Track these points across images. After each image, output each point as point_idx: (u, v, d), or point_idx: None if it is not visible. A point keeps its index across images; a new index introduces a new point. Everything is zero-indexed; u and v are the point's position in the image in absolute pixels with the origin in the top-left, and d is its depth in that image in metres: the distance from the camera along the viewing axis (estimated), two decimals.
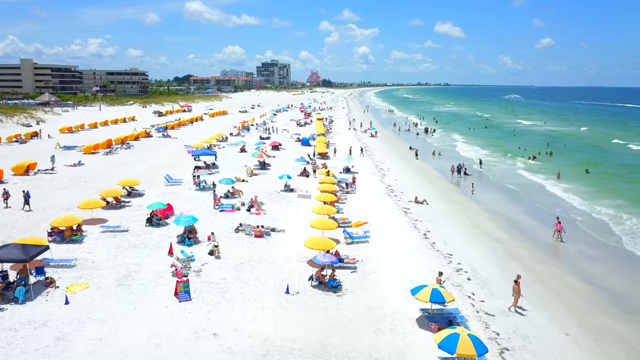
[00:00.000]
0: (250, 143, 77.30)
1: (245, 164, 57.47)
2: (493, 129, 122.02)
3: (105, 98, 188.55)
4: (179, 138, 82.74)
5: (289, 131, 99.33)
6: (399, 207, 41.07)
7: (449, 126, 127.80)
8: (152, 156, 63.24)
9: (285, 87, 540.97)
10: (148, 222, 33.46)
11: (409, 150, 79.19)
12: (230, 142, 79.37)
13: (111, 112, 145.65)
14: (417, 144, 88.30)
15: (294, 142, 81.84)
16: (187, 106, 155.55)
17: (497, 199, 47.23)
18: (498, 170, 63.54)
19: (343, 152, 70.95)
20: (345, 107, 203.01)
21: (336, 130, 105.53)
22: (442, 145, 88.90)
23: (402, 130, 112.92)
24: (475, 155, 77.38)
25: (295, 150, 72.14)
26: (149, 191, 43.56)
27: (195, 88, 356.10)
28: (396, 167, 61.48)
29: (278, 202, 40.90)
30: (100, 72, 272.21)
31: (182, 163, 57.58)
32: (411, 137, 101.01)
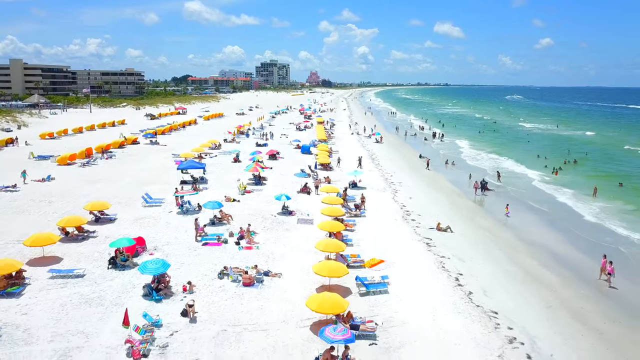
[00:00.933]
0: (245, 151, 70.65)
1: (238, 177, 50.85)
2: (503, 133, 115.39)
3: (98, 99, 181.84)
4: (168, 145, 76.02)
5: (288, 136, 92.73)
6: (418, 236, 34.42)
7: (456, 130, 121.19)
8: (134, 168, 56.53)
9: (285, 88, 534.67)
10: (111, 264, 26.79)
11: (418, 159, 72.58)
12: (223, 149, 72.71)
13: (102, 115, 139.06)
14: (426, 151, 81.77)
15: (293, 150, 75.22)
16: (181, 108, 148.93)
17: (528, 223, 40.54)
18: (520, 184, 56.80)
19: (347, 161, 64.33)
20: (346, 109, 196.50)
21: (338, 135, 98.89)
22: (452, 152, 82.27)
23: (409, 134, 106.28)
24: (490, 164, 70.80)
25: (294, 159, 65.52)
26: (123, 215, 36.90)
27: (193, 89, 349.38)
28: (408, 181, 54.83)
29: (274, 231, 34.24)
30: (95, 72, 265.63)
31: (167, 177, 50.91)
32: (418, 143, 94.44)
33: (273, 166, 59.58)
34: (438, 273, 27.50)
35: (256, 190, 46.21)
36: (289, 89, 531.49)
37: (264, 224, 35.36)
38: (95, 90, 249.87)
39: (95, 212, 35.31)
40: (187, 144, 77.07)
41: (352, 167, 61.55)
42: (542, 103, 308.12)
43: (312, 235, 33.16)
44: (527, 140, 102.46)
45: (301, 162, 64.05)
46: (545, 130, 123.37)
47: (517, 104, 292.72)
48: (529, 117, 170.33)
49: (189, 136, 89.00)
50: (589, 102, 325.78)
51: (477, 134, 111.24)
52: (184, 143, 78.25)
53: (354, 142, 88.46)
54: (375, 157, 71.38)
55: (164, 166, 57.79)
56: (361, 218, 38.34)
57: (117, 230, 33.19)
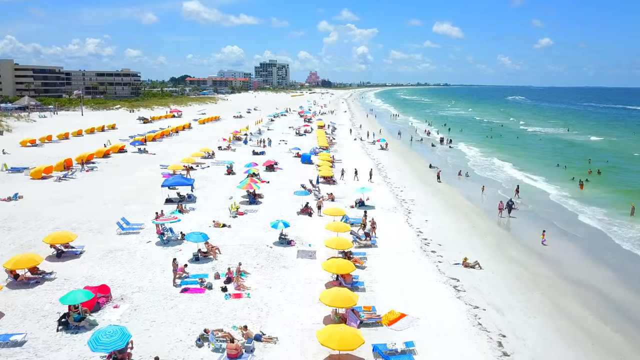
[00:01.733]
0: (240, 161, 65.10)
1: (231, 195, 45.24)
2: (512, 138, 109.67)
3: (91, 101, 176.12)
4: (157, 154, 70.37)
5: (287, 142, 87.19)
6: (442, 275, 28.80)
7: (463, 135, 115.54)
8: (116, 182, 50.89)
9: (284, 88, 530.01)
10: (62, 324, 21.16)
11: (429, 169, 66.97)
12: (217, 159, 67.08)
13: (94, 118, 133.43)
14: (434, 159, 76.28)
15: (293, 159, 69.63)
16: (176, 111, 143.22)
17: (565, 253, 34.90)
18: (544, 201, 51.05)
19: (352, 172, 58.75)
20: (347, 111, 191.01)
21: (340, 141, 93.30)
22: (462, 160, 76.70)
23: (414, 140, 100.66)
24: (505, 175, 65.24)
25: (294, 170, 59.96)
26: (92, 246, 31.29)
27: (191, 89, 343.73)
28: (421, 197, 49.19)
29: (269, 269, 28.60)
30: (90, 73, 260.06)
31: (152, 194, 45.28)
32: (426, 150, 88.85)
33: (270, 179, 54.00)
34: (475, 334, 21.86)
35: (250, 212, 40.58)
36: (288, 89, 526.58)
37: (257, 260, 29.71)
38: (90, 91, 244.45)
39: (58, 246, 29.70)
40: (178, 152, 71.50)
41: (357, 180, 56.09)
42: (545, 104, 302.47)
43: (314, 274, 27.61)
44: (540, 146, 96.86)
45: (301, 173, 58.52)
46: (556, 135, 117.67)
47: (520, 106, 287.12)
48: (535, 120, 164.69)
49: (181, 143, 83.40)
50: (592, 104, 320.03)
51: (485, 139, 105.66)
52: (174, 151, 72.66)
53: (358, 150, 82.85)
54: (382, 168, 65.77)
55: (150, 180, 52.13)
56: (372, 249, 32.70)
57: (81, 270, 27.60)
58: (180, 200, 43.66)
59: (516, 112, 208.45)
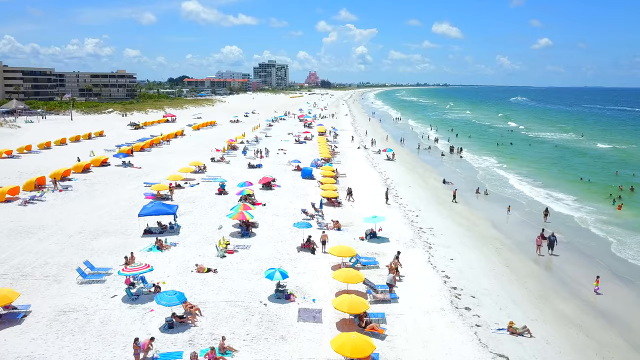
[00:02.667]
0: (234, 175, 58.87)
1: (220, 224, 38.88)
2: (524, 146, 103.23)
3: (82, 104, 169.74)
4: (143, 167, 63.91)
5: (286, 152, 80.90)
6: (486, 348, 22.40)
7: (472, 141, 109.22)
8: (90, 207, 44.45)
9: (283, 89, 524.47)
10: None
11: (442, 184, 60.64)
12: (209, 174, 60.67)
13: (83, 123, 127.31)
14: (446, 171, 69.98)
15: (292, 173, 63.30)
16: (170, 116, 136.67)
17: (625, 307, 28.58)
18: (578, 228, 44.70)
19: (358, 188, 52.42)
20: (348, 114, 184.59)
21: (343, 149, 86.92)
22: (476, 173, 70.38)
23: (422, 148, 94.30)
24: (527, 192, 58.89)
25: (293, 189, 53.60)
26: (41, 304, 24.93)
27: (189, 91, 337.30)
28: (439, 224, 42.76)
29: (262, 342, 22.19)
30: (84, 74, 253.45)
31: (129, 222, 38.95)
32: (435, 160, 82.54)
33: (267, 200, 47.61)
34: None
35: (242, 248, 34.18)
36: (287, 90, 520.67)
37: (248, 327, 23.30)
38: (85, 93, 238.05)
39: None
40: (166, 165, 65.20)
41: (366, 200, 49.76)
42: (550, 107, 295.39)
43: (321, 352, 21.26)
44: (556, 154, 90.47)
45: (302, 191, 52.21)
46: (570, 142, 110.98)
47: (525, 108, 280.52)
48: (545, 124, 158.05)
49: (171, 153, 76.97)
50: (598, 105, 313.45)
51: (497, 147, 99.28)
52: (163, 164, 66.31)
53: (362, 160, 76.45)
54: (391, 183, 59.40)
55: (130, 203, 45.76)
56: (392, 306, 26.31)
57: (17, 346, 21.25)
58: (160, 231, 37.33)
59: (523, 116, 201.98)
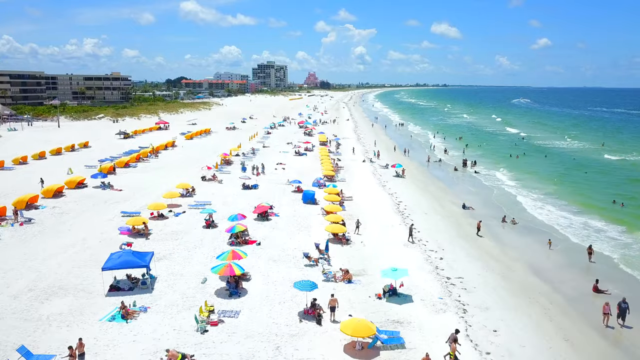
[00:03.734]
0: (227, 200, 51.93)
1: (204, 277, 31.83)
2: (539, 156, 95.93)
3: (72, 109, 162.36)
4: (124, 189, 56.82)
5: (286, 166, 73.99)
6: None
7: (483, 151, 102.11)
8: (50, 249, 37.32)
9: (282, 90, 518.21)
10: None
11: (462, 210, 53.63)
12: (197, 198, 53.59)
13: (71, 130, 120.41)
14: (463, 191, 63.10)
15: (292, 194, 56.36)
16: (163, 123, 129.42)
17: None
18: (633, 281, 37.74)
19: (369, 217, 45.46)
20: (349, 119, 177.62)
21: (347, 163, 79.87)
22: (495, 192, 63.38)
23: (432, 161, 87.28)
24: (559, 216, 51.92)
25: (294, 218, 46.57)
26: None
27: (186, 93, 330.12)
28: (469, 271, 35.65)
29: None
30: (77, 77, 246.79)
31: (91, 275, 31.89)
32: (447, 175, 75.56)
33: (262, 237, 40.56)
34: None
35: (229, 316, 27.07)
36: (286, 91, 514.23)
37: None
38: (78, 96, 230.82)
39: None
40: (151, 186, 58.25)
41: (378, 233, 42.76)
42: (556, 109, 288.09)
43: None
44: (577, 168, 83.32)
45: (304, 222, 45.23)
46: (590, 152, 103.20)
47: (530, 111, 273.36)
48: (556, 131, 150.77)
49: (158, 170, 69.84)
50: (603, 108, 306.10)
51: (510, 159, 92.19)
52: (147, 184, 59.31)
53: (369, 178, 69.36)
54: (405, 209, 52.33)
55: (101, 241, 38.73)
56: None
57: None
58: (130, 286, 30.30)
59: (530, 121, 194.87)
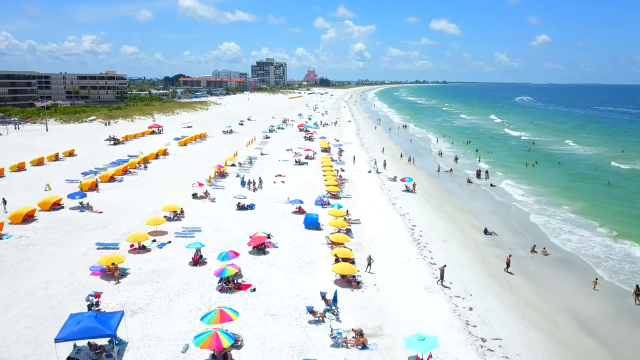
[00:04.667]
0: (219, 224, 45.94)
1: (186, 344, 25.87)
2: (553, 164, 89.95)
3: (64, 110, 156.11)
4: (105, 211, 50.70)
5: (285, 178, 68.03)
6: None
7: (494, 158, 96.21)
8: (5, 298, 31.32)
9: (281, 87, 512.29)
10: None
11: (484, 237, 47.66)
12: (186, 223, 47.51)
13: (60, 135, 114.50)
14: (481, 209, 57.29)
15: (293, 217, 50.42)
16: (156, 127, 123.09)
17: None
18: None
19: (381, 247, 39.54)
20: (351, 120, 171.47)
21: (352, 175, 73.79)
22: (515, 211, 57.52)
23: (442, 171, 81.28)
24: (593, 246, 46.10)
25: (295, 250, 40.61)
26: None
27: (183, 91, 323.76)
28: (506, 327, 29.71)
29: None
30: (71, 76, 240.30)
31: (48, 339, 25.93)
32: (461, 188, 69.64)
33: (258, 280, 34.57)
34: None
35: None
36: (285, 88, 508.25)
37: None
38: (72, 96, 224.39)
39: None
40: (135, 206, 52.31)
41: (394, 270, 36.82)
42: (560, 109, 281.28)
43: None
44: (599, 179, 77.32)
45: (306, 256, 39.22)
46: (611, 160, 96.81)
47: (535, 111, 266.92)
48: (567, 133, 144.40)
49: (146, 185, 63.71)
50: (610, 107, 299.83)
51: (525, 168, 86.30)
52: (131, 204, 53.30)
53: (377, 194, 63.28)
54: (420, 236, 46.27)
55: (67, 286, 32.76)
56: None
57: None
58: (94, 356, 24.35)
59: (537, 123, 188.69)
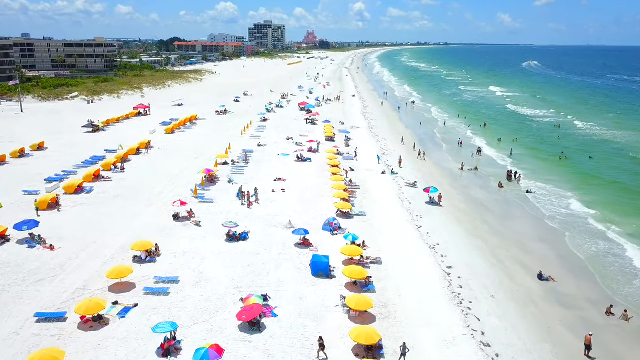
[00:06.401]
0: (202, 271, 35.73)
1: None
2: (583, 157, 79.01)
3: (47, 83, 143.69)
4: (62, 247, 40.26)
5: (285, 187, 57.43)
6: None
7: (521, 147, 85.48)
8: None
9: (280, 51, 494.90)
10: None
11: (540, 285, 37.62)
12: (158, 270, 37.16)
13: (36, 117, 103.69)
14: (522, 230, 47.15)
15: (297, 253, 40.22)
16: (143, 107, 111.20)
17: None
18: None
19: (413, 318, 29.70)
20: (355, 95, 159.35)
21: (364, 178, 63.03)
22: (568, 238, 47.45)
23: (466, 169, 70.56)
24: None
25: (300, 319, 30.57)
26: None
27: (177, 58, 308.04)
28: None
29: None
30: (57, 43, 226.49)
31: None
32: (492, 197, 59.25)
33: None
34: None
35: None
36: (284, 52, 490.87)
37: None
38: (57, 65, 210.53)
39: None
40: (100, 238, 41.91)
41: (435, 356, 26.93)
42: (574, 78, 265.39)
43: None
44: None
45: (314, 325, 28.98)
46: None
47: (546, 80, 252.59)
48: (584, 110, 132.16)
49: (117, 200, 52.62)
50: (625, 76, 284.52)
51: (557, 162, 76.00)
52: (96, 234, 42.81)
53: (397, 209, 52.62)
54: (460, 288, 36.12)
55: None
56: None
57: None
58: None
59: (549, 94, 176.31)
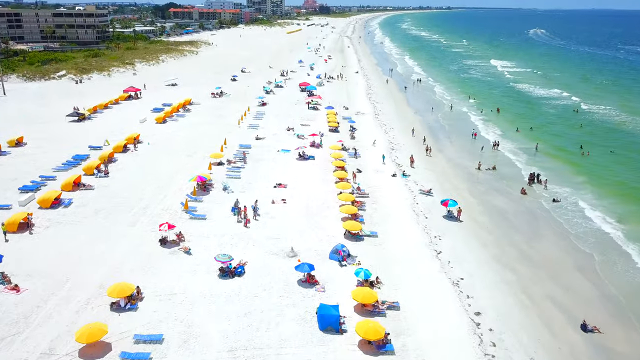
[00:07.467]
0: (188, 325, 30.28)
1: None
2: (605, 151, 73.10)
3: (33, 58, 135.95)
4: (29, 288, 34.65)
5: (286, 192, 51.63)
6: None
7: (539, 137, 79.19)
8: None
9: (279, 17, 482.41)
10: None
11: (584, 340, 32.26)
12: (140, 322, 31.77)
13: (18, 100, 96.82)
14: (553, 254, 41.68)
15: (299, 294, 34.78)
16: (133, 90, 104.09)
17: None
18: None
19: None
20: (359, 71, 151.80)
21: (373, 184, 57.09)
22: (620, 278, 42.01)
23: (483, 167, 64.54)
24: None
25: None
26: None
27: (172, 27, 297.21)
28: None
29: None
30: (45, 13, 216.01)
31: None
32: (515, 207, 53.53)
33: None
34: None
35: None
36: (283, 18, 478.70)
37: None
38: (47, 37, 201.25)
39: None
40: (74, 275, 36.31)
41: None
42: (585, 49, 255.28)
43: None
44: None
45: None
46: None
47: (554, 51, 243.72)
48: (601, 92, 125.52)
49: (96, 217, 46.69)
50: (638, 48, 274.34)
51: (580, 158, 70.19)
52: (71, 263, 37.12)
53: (412, 227, 46.77)
54: (494, 350, 30.73)
55: None
56: None
57: None
58: None
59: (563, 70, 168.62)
